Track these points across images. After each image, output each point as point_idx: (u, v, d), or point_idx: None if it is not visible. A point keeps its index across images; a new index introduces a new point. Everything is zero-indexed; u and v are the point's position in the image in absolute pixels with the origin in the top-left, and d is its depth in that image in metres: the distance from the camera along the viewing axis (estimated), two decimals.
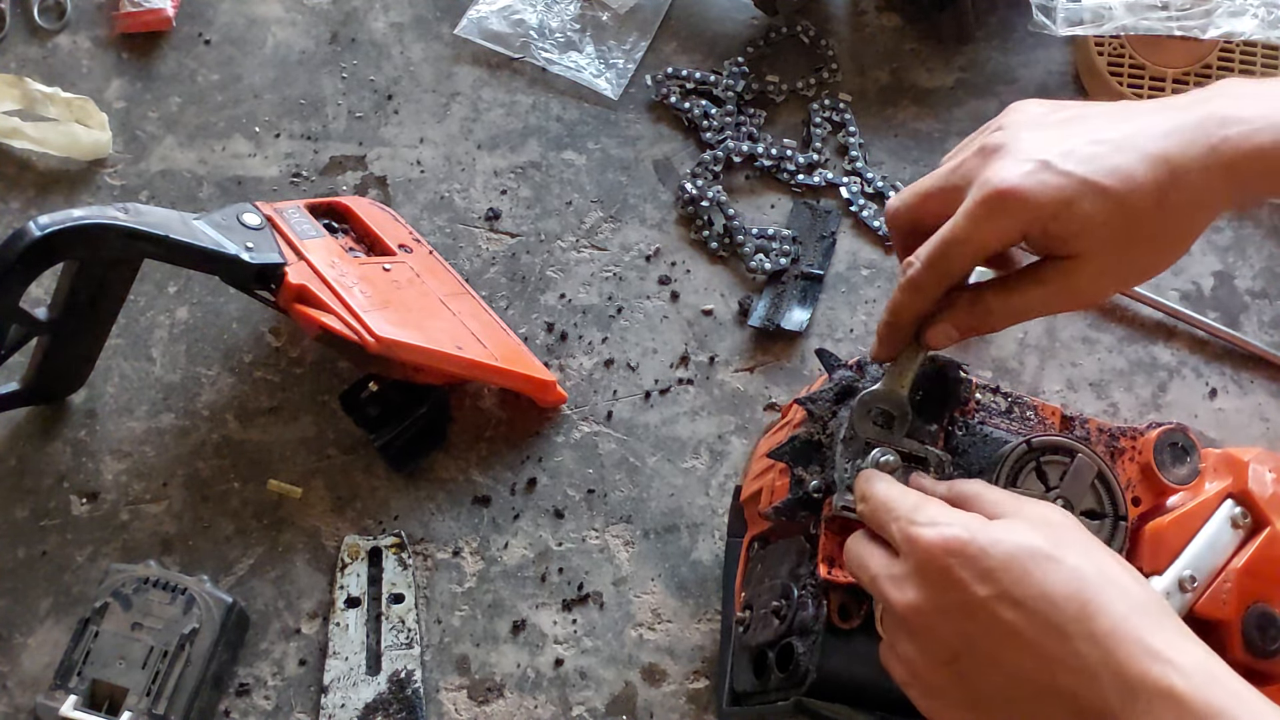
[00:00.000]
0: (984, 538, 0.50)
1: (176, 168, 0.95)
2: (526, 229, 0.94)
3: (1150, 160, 0.55)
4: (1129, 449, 0.68)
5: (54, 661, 0.76)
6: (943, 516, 0.52)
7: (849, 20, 1.02)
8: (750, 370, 0.89)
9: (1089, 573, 0.49)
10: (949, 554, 0.50)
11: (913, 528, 0.52)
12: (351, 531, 0.83)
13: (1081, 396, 0.88)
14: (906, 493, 0.56)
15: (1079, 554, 0.50)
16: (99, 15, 1.01)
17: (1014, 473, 0.63)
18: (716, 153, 0.94)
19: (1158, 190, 0.55)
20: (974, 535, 0.50)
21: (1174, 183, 0.55)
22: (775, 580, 0.67)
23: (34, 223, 0.70)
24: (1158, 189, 0.55)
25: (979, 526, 0.51)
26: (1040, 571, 0.49)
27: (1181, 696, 0.45)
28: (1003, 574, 0.49)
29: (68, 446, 0.86)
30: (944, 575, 0.50)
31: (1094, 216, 0.55)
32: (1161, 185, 0.55)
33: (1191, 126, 0.56)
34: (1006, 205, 0.55)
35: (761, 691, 0.67)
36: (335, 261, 0.81)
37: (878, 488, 0.57)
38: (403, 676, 0.78)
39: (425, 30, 1.01)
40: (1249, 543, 0.67)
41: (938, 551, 0.51)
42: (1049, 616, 0.48)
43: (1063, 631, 0.48)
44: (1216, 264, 0.92)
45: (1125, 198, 0.55)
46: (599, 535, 0.84)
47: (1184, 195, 0.56)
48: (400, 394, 0.84)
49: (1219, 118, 0.56)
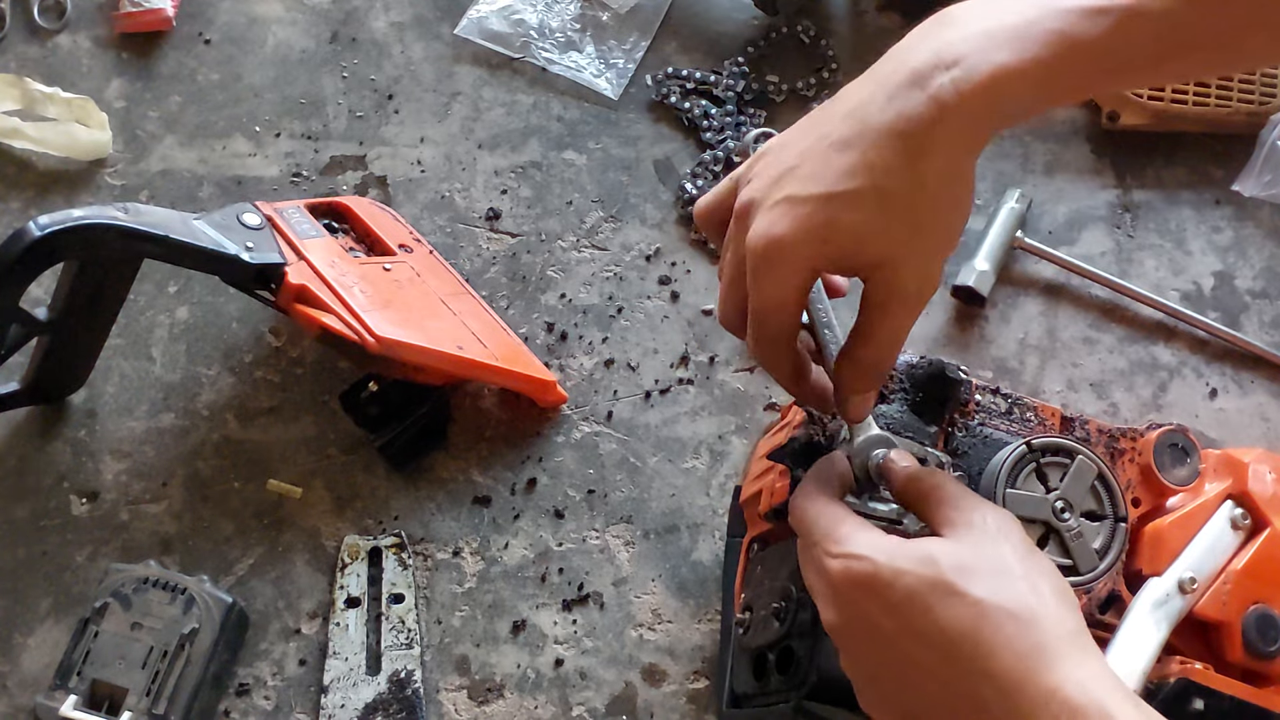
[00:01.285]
0: (888, 571, 0.50)
1: (176, 168, 0.95)
2: (527, 229, 0.94)
3: (881, 142, 0.52)
4: (1129, 450, 0.68)
5: (54, 661, 0.76)
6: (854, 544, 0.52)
7: (849, 20, 1.02)
8: (750, 370, 0.89)
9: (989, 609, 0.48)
10: (854, 586, 0.51)
11: (824, 558, 0.53)
12: (351, 531, 0.83)
13: (1082, 397, 0.88)
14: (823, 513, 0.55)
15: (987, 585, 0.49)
16: (99, 15, 1.01)
17: (1014, 474, 0.64)
18: (716, 153, 0.94)
19: (906, 166, 0.52)
20: (878, 569, 0.50)
21: (916, 151, 0.52)
22: (775, 582, 0.67)
23: (34, 223, 0.70)
24: (905, 165, 0.52)
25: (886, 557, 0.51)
26: (940, 607, 0.49)
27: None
28: (905, 608, 0.49)
29: (68, 446, 0.86)
30: (852, 605, 0.51)
31: (862, 222, 0.52)
32: (906, 158, 0.52)
33: (904, 87, 0.52)
34: (779, 259, 0.53)
35: (761, 693, 0.67)
36: (335, 261, 0.81)
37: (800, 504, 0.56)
38: (403, 676, 0.78)
39: (425, 30, 1.01)
40: (1249, 544, 0.67)
41: (843, 583, 0.51)
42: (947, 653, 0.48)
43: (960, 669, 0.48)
44: (1216, 264, 0.92)
45: (879, 190, 0.52)
46: (599, 535, 0.84)
47: (933, 159, 0.52)
48: (400, 394, 0.84)
49: (928, 67, 0.52)
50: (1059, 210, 0.94)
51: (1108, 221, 0.94)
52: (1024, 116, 0.55)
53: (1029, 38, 0.51)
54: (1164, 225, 0.93)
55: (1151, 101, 0.93)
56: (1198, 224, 0.94)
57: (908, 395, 0.65)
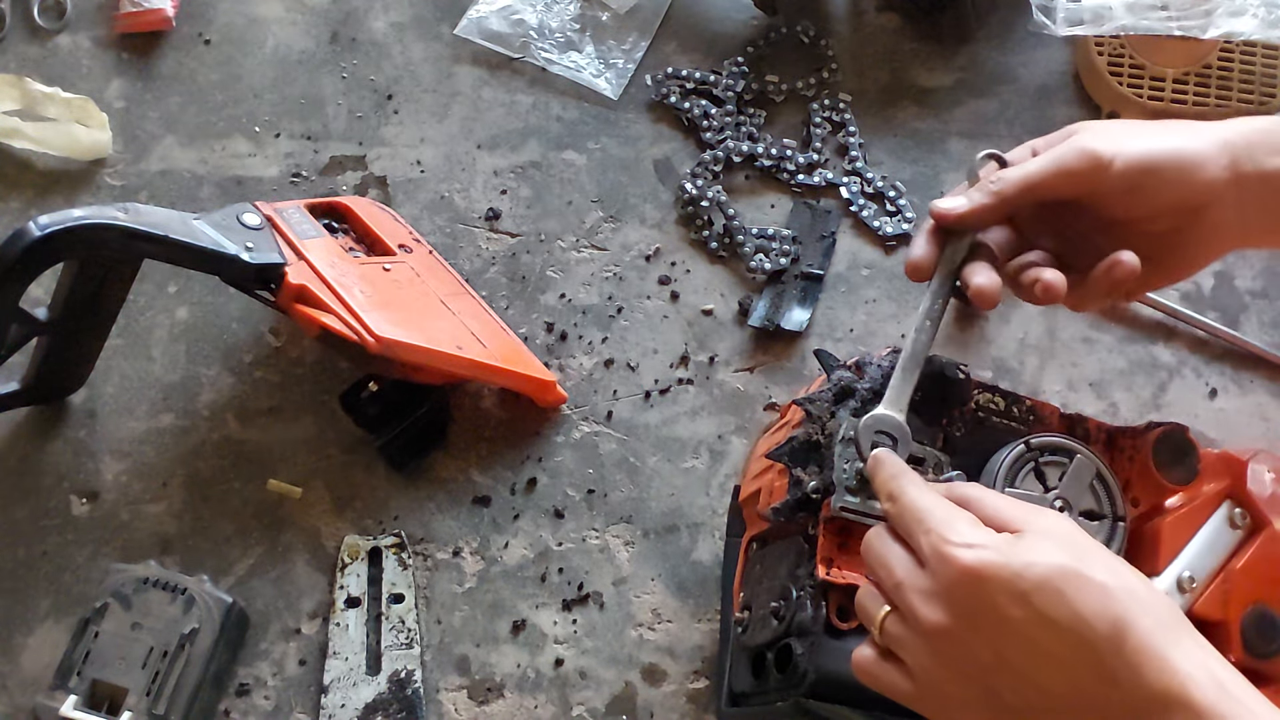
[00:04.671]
0: (1017, 561, 0.50)
1: (176, 168, 0.95)
2: (526, 229, 0.94)
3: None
4: (1128, 449, 0.68)
5: (54, 661, 0.76)
6: (976, 537, 0.52)
7: (849, 20, 1.02)
8: (750, 370, 0.89)
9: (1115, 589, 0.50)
10: (983, 578, 0.51)
11: (946, 546, 0.52)
12: (351, 531, 0.83)
13: (1081, 396, 0.88)
14: (938, 502, 0.55)
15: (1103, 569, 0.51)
16: (99, 15, 1.01)
17: (1013, 473, 0.64)
18: (716, 153, 0.94)
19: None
20: (1007, 559, 0.50)
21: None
22: (774, 581, 0.67)
23: (34, 223, 0.70)
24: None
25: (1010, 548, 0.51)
26: (1072, 592, 0.49)
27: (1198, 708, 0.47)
28: (1037, 597, 0.50)
29: (68, 446, 0.86)
30: (977, 597, 0.51)
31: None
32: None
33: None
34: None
35: (760, 692, 0.67)
36: (335, 261, 0.81)
37: (909, 490, 0.56)
38: (403, 676, 0.79)
39: (425, 30, 1.01)
40: (1248, 543, 0.67)
41: (972, 574, 0.51)
42: (1082, 636, 0.49)
43: (1095, 650, 0.49)
44: (1216, 264, 0.92)
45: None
46: (599, 535, 0.84)
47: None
48: (400, 394, 0.84)
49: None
50: None
51: None
52: None
53: None
54: None
55: (1151, 101, 0.94)
56: None
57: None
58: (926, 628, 0.52)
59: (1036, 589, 0.49)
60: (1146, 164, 0.60)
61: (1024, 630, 0.50)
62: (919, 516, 0.54)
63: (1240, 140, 0.61)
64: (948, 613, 0.51)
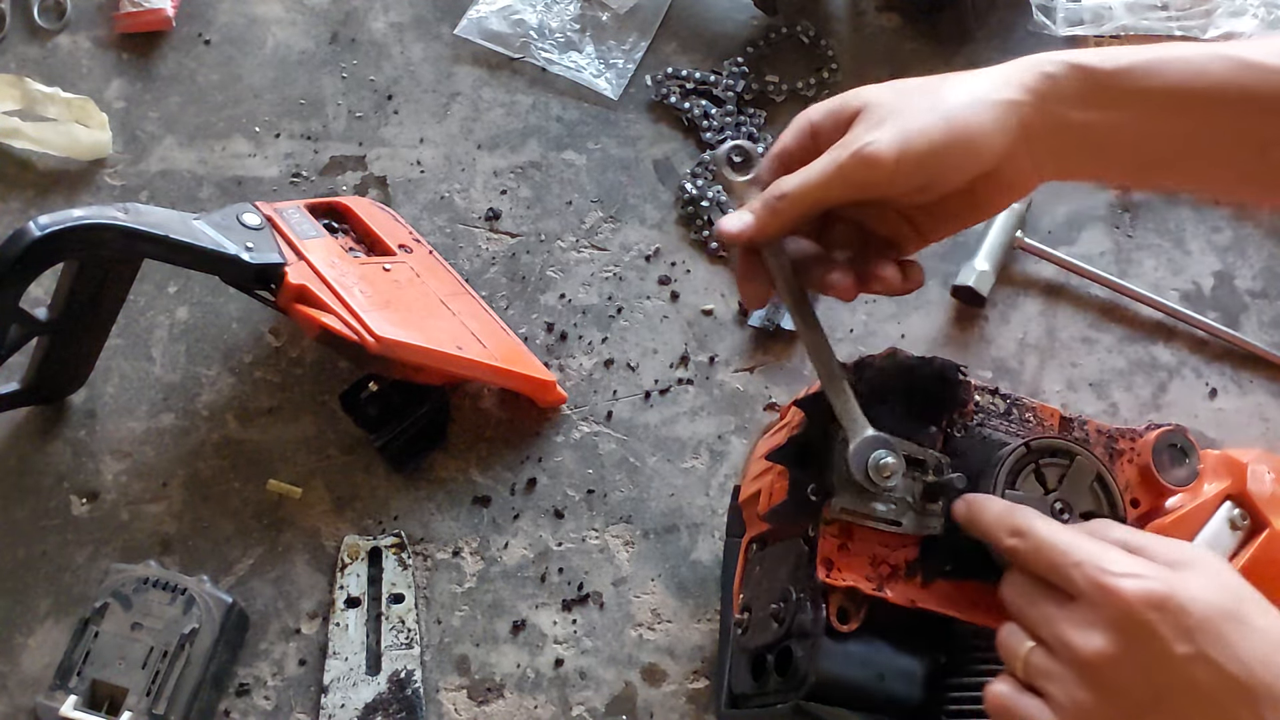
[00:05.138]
0: (1183, 594, 0.50)
1: (176, 168, 0.95)
2: (526, 229, 0.94)
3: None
4: (1128, 450, 0.68)
5: (54, 661, 0.76)
6: (1135, 567, 0.51)
7: (849, 20, 1.02)
8: (750, 370, 0.89)
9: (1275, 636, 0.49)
10: (1151, 607, 0.50)
11: (1107, 577, 0.51)
12: (351, 531, 0.83)
13: (1081, 397, 0.88)
14: (1075, 534, 0.54)
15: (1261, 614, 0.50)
16: (99, 15, 1.01)
17: (1012, 475, 0.63)
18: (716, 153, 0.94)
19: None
20: (1174, 590, 0.50)
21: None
22: (774, 583, 0.67)
23: (34, 223, 0.70)
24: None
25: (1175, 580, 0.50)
26: (1236, 634, 0.49)
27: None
28: (1200, 633, 0.49)
29: (68, 446, 0.86)
30: (1144, 629, 0.50)
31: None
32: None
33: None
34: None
35: (760, 694, 0.67)
36: (335, 261, 0.81)
37: (1038, 525, 0.55)
38: (403, 676, 0.79)
39: (425, 30, 1.01)
40: (1248, 544, 0.67)
41: (1139, 605, 0.50)
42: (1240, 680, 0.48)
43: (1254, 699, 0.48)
44: (1216, 264, 0.92)
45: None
46: (599, 535, 0.84)
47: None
48: (400, 394, 0.84)
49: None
50: (1058, 210, 0.94)
51: (1107, 221, 0.94)
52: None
53: None
54: (1163, 225, 0.93)
55: None
56: (1197, 224, 0.94)
57: (906, 396, 0.65)
58: (1082, 658, 0.51)
59: (1200, 626, 0.49)
60: (929, 156, 0.57)
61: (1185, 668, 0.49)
62: (1062, 550, 0.53)
63: (1028, 98, 0.58)
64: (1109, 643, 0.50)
